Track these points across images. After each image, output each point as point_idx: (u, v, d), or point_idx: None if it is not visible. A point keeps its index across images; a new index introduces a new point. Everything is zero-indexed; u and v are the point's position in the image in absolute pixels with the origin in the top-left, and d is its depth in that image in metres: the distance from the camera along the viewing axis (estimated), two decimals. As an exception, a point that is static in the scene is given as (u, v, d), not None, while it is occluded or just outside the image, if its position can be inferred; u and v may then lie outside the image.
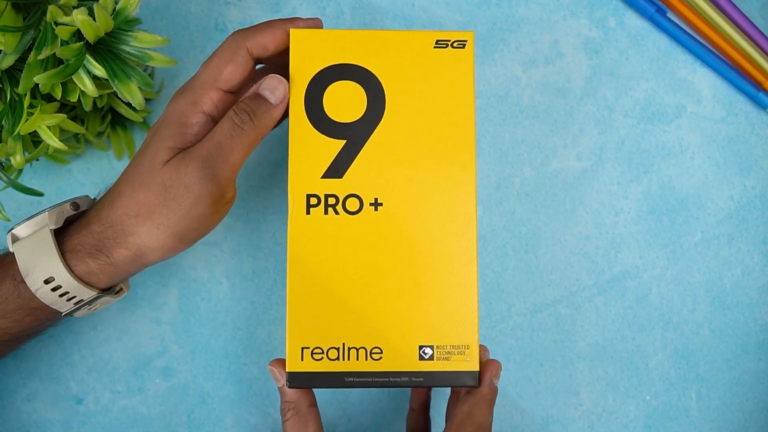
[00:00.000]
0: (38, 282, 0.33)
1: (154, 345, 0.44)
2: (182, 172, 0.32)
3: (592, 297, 0.45)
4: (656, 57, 0.45)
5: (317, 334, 0.34)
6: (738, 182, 0.45)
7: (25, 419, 0.44)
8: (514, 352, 0.45)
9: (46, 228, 0.33)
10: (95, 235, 0.33)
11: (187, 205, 0.32)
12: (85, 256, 0.33)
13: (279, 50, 0.35)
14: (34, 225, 0.34)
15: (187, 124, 0.33)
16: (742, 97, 0.45)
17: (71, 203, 0.36)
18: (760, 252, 0.45)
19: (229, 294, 0.44)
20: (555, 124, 0.45)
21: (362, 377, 0.34)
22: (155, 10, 0.44)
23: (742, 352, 0.45)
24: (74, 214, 0.35)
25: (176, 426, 0.44)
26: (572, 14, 0.45)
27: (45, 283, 0.33)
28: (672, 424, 0.45)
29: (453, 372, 0.34)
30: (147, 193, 0.33)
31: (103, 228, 0.33)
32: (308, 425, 0.35)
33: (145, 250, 0.33)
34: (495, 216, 0.45)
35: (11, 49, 0.33)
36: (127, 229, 0.33)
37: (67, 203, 0.35)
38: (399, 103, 0.35)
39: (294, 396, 0.35)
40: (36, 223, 0.34)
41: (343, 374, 0.34)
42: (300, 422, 0.35)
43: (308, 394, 0.36)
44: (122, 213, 0.33)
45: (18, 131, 0.35)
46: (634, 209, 0.45)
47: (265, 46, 0.34)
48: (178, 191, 0.32)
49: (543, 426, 0.45)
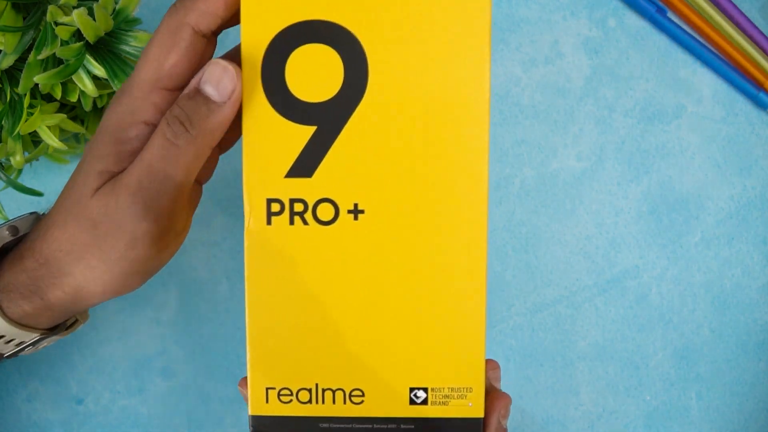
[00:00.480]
0: None
1: (154, 345, 0.44)
2: (111, 207, 0.26)
3: (592, 297, 0.45)
4: (656, 57, 0.45)
5: (285, 372, 0.27)
6: (738, 182, 0.45)
7: (25, 419, 0.44)
8: (514, 352, 0.45)
9: None
10: (28, 273, 0.28)
11: (122, 248, 0.26)
12: (18, 297, 0.28)
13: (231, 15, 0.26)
14: None
15: (124, 140, 0.26)
16: (742, 97, 0.45)
17: (9, 227, 0.30)
18: (760, 252, 0.45)
19: (229, 294, 0.44)
20: (555, 124, 0.45)
21: (340, 423, 0.28)
22: (155, 10, 0.44)
23: (742, 352, 0.45)
24: (11, 241, 0.30)
25: (176, 426, 0.44)
26: (572, 14, 0.45)
27: None
28: (672, 424, 0.45)
29: (451, 419, 0.28)
30: (77, 229, 0.26)
31: (37, 265, 0.27)
32: None
33: (83, 293, 0.28)
34: (495, 216, 0.45)
35: (11, 49, 0.33)
36: (62, 269, 0.27)
37: (4, 227, 0.30)
38: (386, 74, 0.26)
39: None
40: None
41: (317, 419, 0.28)
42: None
43: None
44: (55, 248, 0.27)
45: (18, 131, 0.35)
46: (634, 209, 0.45)
47: (214, 14, 0.25)
48: (109, 230, 0.26)
49: (543, 426, 0.45)
